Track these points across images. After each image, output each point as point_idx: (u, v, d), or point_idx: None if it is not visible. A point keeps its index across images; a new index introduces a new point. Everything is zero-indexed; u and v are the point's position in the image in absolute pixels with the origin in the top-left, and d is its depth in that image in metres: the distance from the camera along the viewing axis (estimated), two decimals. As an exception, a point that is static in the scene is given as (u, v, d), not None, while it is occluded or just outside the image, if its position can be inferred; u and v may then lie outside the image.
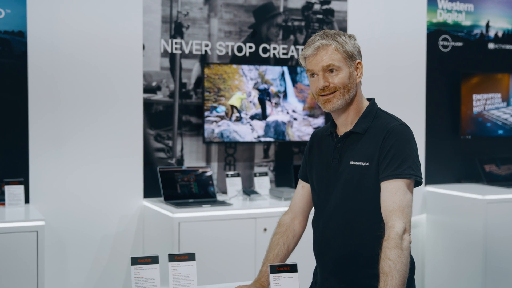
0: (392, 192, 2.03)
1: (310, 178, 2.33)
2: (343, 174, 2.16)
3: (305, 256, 2.66)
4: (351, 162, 2.15)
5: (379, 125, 2.16)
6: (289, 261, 2.08)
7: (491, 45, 5.02)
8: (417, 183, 2.09)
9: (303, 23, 4.44)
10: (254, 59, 4.30)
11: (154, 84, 4.05)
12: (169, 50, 4.08)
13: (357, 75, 2.18)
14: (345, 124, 2.22)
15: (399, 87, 4.71)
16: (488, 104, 4.87)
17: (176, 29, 4.10)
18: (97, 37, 3.91)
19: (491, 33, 5.01)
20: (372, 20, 4.64)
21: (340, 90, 2.14)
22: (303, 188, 2.39)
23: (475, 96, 4.82)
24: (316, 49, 2.14)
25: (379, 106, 2.28)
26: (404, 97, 4.73)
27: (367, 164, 2.11)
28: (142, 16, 4.00)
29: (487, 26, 5.00)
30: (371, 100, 2.26)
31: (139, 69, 4.00)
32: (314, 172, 2.29)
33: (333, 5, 4.52)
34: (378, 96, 4.54)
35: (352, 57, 2.16)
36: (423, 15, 4.79)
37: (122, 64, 3.97)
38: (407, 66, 4.74)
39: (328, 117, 4.31)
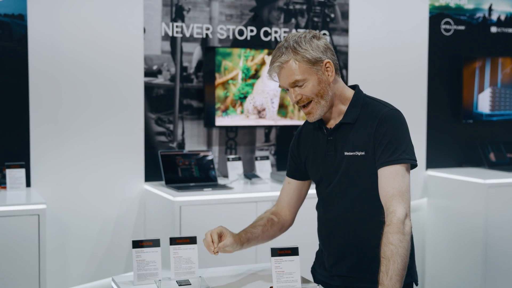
0: (390, 177, 2.04)
1: (305, 172, 2.34)
2: (340, 166, 2.17)
3: (306, 241, 2.67)
4: (346, 153, 2.15)
5: (369, 112, 2.15)
6: (290, 243, 2.08)
7: (493, 29, 4.99)
8: (413, 166, 2.10)
9: (304, 7, 4.41)
10: (255, 43, 4.28)
11: (155, 67, 4.04)
12: (170, 34, 4.07)
13: (328, 75, 2.12)
14: (333, 117, 2.21)
15: (400, 71, 4.69)
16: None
17: (177, 12, 4.08)
18: (97, 20, 3.89)
19: (494, 17, 4.98)
20: (374, 2, 4.61)
21: (314, 99, 2.12)
22: (289, 185, 2.40)
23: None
24: (278, 68, 2.12)
25: (380, 89, 2.27)
26: (406, 81, 4.71)
27: (362, 153, 2.12)
28: (143, -1, 3.99)
29: (490, 9, 4.97)
30: (356, 88, 2.23)
31: (139, 53, 3.99)
32: (309, 166, 2.30)
33: (335, -12, 4.49)
34: (380, 79, 4.55)
35: (317, 62, 2.10)
36: (425, -2, 4.77)
37: (123, 47, 3.95)
38: (409, 50, 4.72)
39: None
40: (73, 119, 3.86)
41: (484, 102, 4.85)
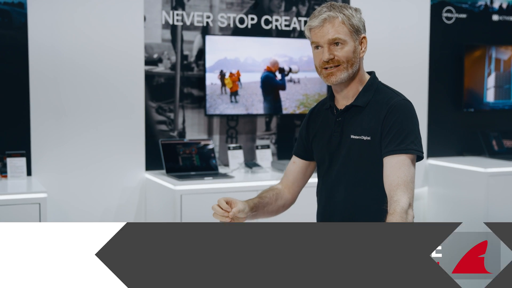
0: (396, 167, 2.04)
1: (311, 152, 2.34)
2: (344, 148, 2.17)
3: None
4: (352, 136, 2.15)
5: (380, 99, 2.15)
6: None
7: (495, 17, 4.97)
8: (419, 158, 2.10)
9: (305, -5, 4.39)
10: (256, 31, 4.26)
11: (155, 56, 4.03)
12: (171, 22, 4.05)
13: (361, 49, 2.16)
14: (346, 97, 2.21)
15: (402, 59, 4.68)
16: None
17: (177, 0, 4.06)
18: (98, 8, 3.87)
19: (496, 5, 4.96)
20: (375, -9, 4.59)
21: (344, 64, 2.12)
22: (294, 164, 2.40)
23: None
24: (323, 21, 2.11)
25: (381, 77, 2.27)
26: (407, 69, 4.70)
27: (368, 138, 2.12)
28: (143, -13, 3.96)
29: (492, -3, 4.95)
30: (372, 74, 2.25)
31: (140, 41, 3.97)
32: (315, 145, 2.30)
33: (336, -24, 4.46)
34: (381, 68, 4.53)
35: (358, 31, 2.13)
36: (427, -14, 4.74)
37: (123, 36, 3.93)
38: (410, 38, 4.70)
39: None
40: (73, 108, 3.85)
41: (490, 91, 4.84)
